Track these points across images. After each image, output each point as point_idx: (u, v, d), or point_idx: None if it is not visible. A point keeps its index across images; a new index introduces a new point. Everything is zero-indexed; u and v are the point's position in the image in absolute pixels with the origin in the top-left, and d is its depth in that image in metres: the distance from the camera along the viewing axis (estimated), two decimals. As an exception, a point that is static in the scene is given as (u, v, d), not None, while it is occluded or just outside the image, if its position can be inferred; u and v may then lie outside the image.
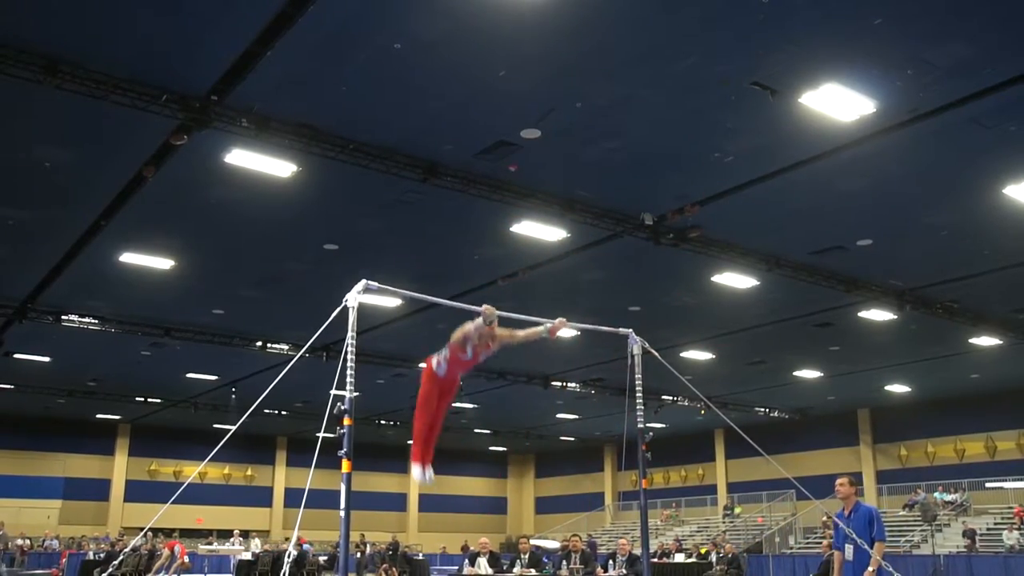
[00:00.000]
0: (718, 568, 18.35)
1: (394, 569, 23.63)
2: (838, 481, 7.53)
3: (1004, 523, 23.33)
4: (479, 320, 5.78)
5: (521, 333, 6.14)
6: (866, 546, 6.99)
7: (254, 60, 8.45)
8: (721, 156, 10.48)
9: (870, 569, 6.94)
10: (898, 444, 28.59)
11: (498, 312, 5.82)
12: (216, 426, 28.83)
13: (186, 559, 22.29)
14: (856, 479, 29.19)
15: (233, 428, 6.40)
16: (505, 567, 13.59)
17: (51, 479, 32.30)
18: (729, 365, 21.84)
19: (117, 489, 33.35)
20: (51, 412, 29.64)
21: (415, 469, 6.12)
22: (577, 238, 13.06)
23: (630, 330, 6.93)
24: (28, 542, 27.33)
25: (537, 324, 6.26)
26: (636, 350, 6.91)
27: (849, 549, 7.22)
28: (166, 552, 22.06)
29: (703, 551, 22.06)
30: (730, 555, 19.10)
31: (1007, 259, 13.98)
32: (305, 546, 27.49)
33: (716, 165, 10.72)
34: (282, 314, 17.40)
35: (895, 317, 16.85)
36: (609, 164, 10.84)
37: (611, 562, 13.68)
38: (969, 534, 22.67)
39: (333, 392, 5.06)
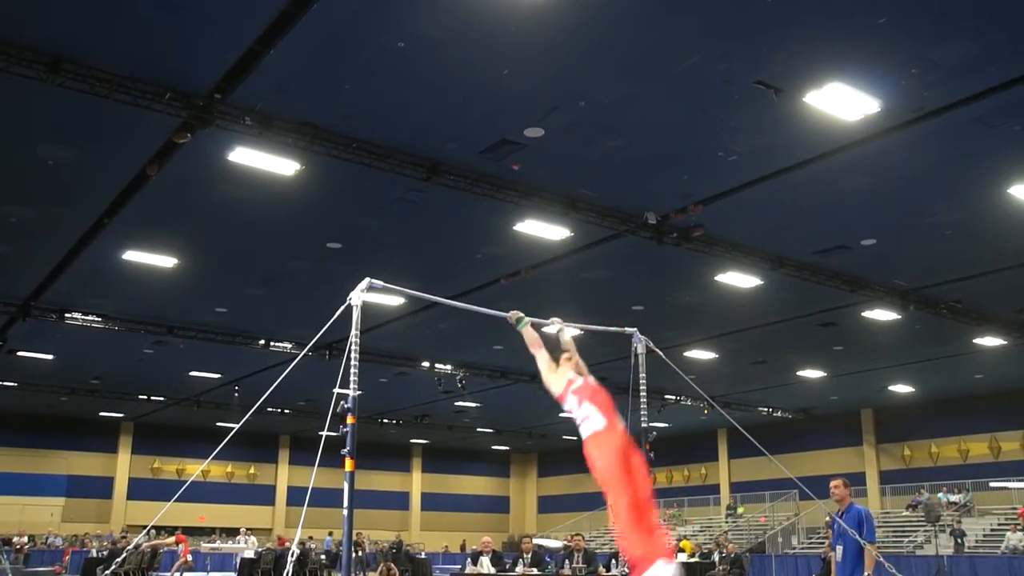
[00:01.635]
0: (720, 568, 18.32)
1: (395, 567, 23.63)
2: (832, 483, 7.61)
3: (1008, 523, 23.27)
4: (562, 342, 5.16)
5: (570, 347, 5.38)
6: (859, 538, 7.10)
7: (257, 58, 8.45)
8: (725, 155, 10.46)
9: (867, 573, 7.04)
10: (902, 444, 28.54)
11: (522, 316, 5.48)
12: (219, 424, 28.88)
13: (189, 557, 22.34)
14: (859, 479, 29.22)
15: (236, 426, 6.40)
16: (508, 566, 13.59)
17: (54, 477, 32.37)
18: (732, 365, 21.82)
19: (120, 487, 33.43)
20: (54, 410, 29.69)
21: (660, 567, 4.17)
22: (580, 237, 13.04)
23: (635, 329, 6.91)
24: (26, 540, 27.26)
25: (544, 327, 5.98)
26: (640, 349, 6.89)
27: (839, 550, 7.38)
28: (170, 540, 22.20)
29: (688, 547, 22.06)
30: (733, 555, 19.07)
31: (1011, 259, 13.94)
32: (328, 540, 27.61)
33: (720, 164, 10.69)
34: (285, 313, 17.41)
35: (899, 317, 16.81)
36: (612, 163, 10.82)
37: (613, 561, 13.68)
38: (958, 534, 22.61)
39: (336, 390, 5.06)
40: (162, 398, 27.71)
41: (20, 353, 20.46)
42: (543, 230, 12.70)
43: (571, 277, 14.93)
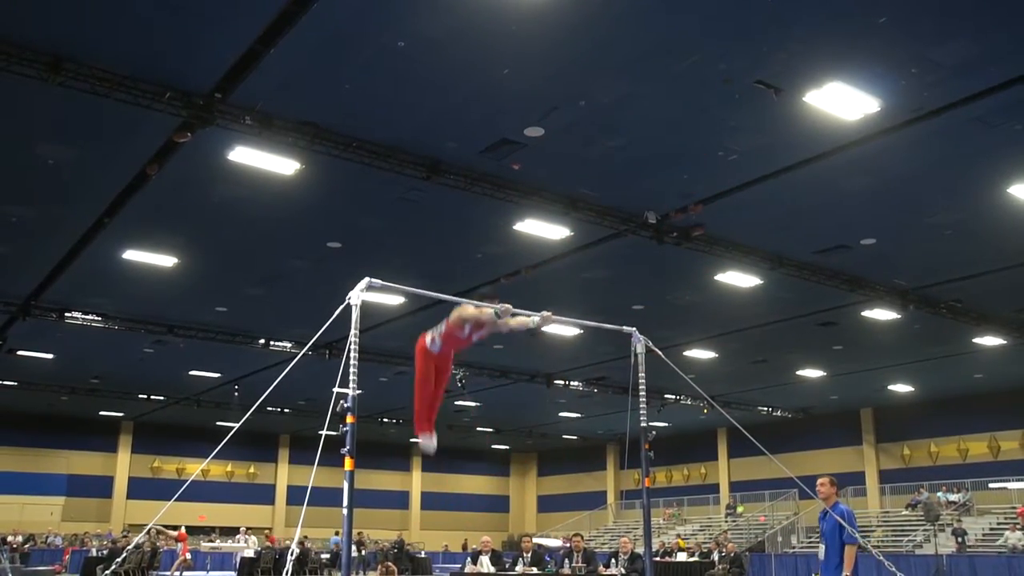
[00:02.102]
0: (720, 567, 18.34)
1: (394, 566, 23.64)
2: (819, 481, 7.64)
3: (1007, 523, 23.30)
4: (489, 312, 5.82)
5: (513, 321, 6.12)
6: (849, 528, 7.16)
7: (257, 58, 8.46)
8: (725, 155, 10.47)
9: (845, 573, 7.13)
10: (901, 444, 28.55)
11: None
12: (219, 423, 28.88)
13: (188, 556, 22.35)
14: (859, 479, 29.18)
15: (236, 426, 6.39)
16: (507, 565, 13.60)
17: (54, 476, 32.35)
18: (732, 364, 21.83)
19: (120, 486, 33.41)
20: (54, 409, 29.69)
21: (423, 438, 6.18)
22: (580, 236, 13.05)
23: (634, 328, 6.91)
24: (22, 539, 27.23)
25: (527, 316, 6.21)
26: (640, 348, 6.89)
27: (822, 549, 7.48)
28: (174, 533, 22.24)
29: (681, 543, 22.05)
30: (732, 554, 19.08)
31: (1011, 258, 13.95)
32: (334, 539, 27.62)
33: (720, 163, 10.70)
34: (285, 312, 17.41)
35: (898, 316, 16.82)
36: (612, 162, 10.83)
37: (613, 560, 13.69)
38: (959, 533, 22.63)
39: (336, 390, 5.06)
40: (162, 397, 27.70)
41: (20, 352, 20.46)
42: (543, 230, 12.70)
43: (571, 277, 14.94)
